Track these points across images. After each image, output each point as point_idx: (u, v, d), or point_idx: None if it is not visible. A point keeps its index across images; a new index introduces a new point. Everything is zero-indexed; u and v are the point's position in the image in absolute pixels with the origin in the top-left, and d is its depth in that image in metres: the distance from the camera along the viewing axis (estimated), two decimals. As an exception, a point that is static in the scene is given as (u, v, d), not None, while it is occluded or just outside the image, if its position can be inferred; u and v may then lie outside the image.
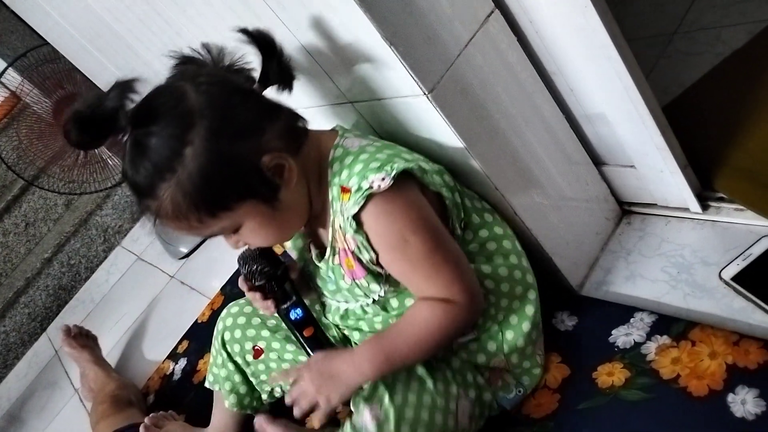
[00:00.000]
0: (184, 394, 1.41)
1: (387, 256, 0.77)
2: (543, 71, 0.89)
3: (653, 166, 0.92)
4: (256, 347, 1.03)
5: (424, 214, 0.77)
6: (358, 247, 0.77)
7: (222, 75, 0.77)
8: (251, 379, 1.06)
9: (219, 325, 1.06)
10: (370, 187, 0.73)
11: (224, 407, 1.11)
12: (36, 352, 2.19)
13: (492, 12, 0.81)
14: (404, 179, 0.75)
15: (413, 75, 0.75)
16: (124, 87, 0.73)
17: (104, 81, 1.61)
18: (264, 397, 1.09)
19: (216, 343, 1.06)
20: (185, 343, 1.58)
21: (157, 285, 1.92)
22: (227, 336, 1.04)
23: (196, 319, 1.63)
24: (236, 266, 1.66)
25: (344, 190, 0.77)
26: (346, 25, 0.75)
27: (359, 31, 0.74)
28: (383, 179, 0.73)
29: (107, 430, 1.27)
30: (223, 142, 0.71)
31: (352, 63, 0.81)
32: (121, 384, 1.49)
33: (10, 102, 2.16)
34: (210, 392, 1.35)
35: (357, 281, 0.82)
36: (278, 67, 0.78)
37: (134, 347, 1.75)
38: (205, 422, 1.29)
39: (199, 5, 0.93)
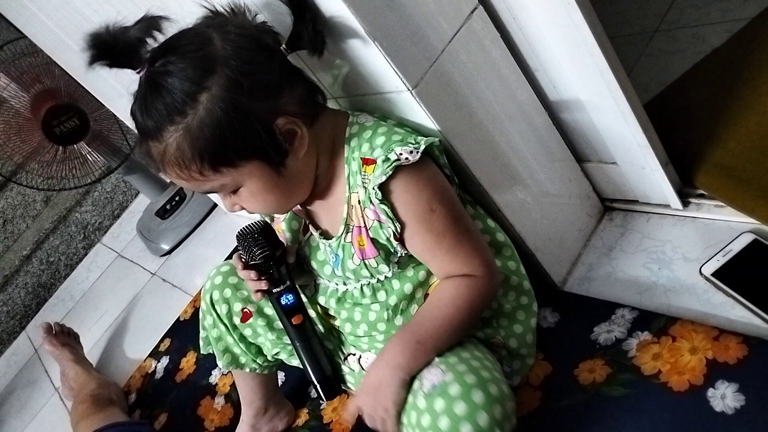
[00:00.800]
0: (167, 393, 1.40)
1: (413, 227, 0.76)
2: (526, 67, 0.89)
3: (635, 163, 0.92)
4: (246, 309, 0.97)
5: (447, 186, 0.78)
6: (379, 222, 0.77)
7: (251, 29, 0.75)
8: (239, 343, 0.99)
9: (207, 284, 1.00)
10: (398, 159, 0.73)
11: (242, 377, 1.05)
12: (15, 350, 2.15)
13: (476, 8, 0.81)
14: (426, 156, 0.76)
15: (397, 71, 0.75)
16: (151, 22, 0.71)
17: (83, 75, 1.59)
18: (259, 361, 1.01)
19: (203, 304, 1.00)
20: (167, 342, 1.56)
21: (138, 282, 1.90)
22: (216, 295, 0.98)
23: (179, 317, 1.61)
24: (219, 263, 1.65)
25: (367, 161, 0.76)
26: (330, 20, 0.75)
27: (343, 26, 0.73)
28: (411, 152, 0.73)
29: (88, 429, 1.25)
30: (241, 96, 0.70)
31: (335, 58, 0.81)
32: (102, 383, 1.48)
33: (-13, 96, 2.12)
34: (193, 391, 1.35)
35: (366, 261, 0.80)
36: (313, 30, 0.75)
37: (115, 345, 1.73)
38: (189, 422, 1.29)
39: (180, -1, 0.92)
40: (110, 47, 0.69)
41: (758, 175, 0.87)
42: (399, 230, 0.76)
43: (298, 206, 0.86)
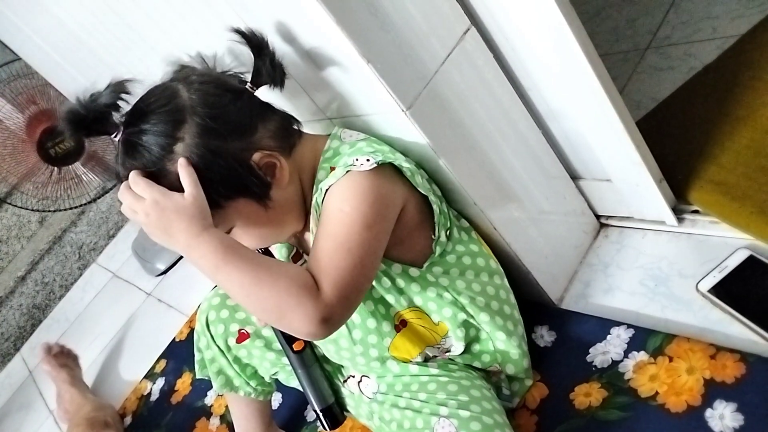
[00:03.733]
0: (162, 415, 1.39)
1: (320, 218, 0.73)
2: (519, 87, 0.90)
3: (629, 180, 0.93)
4: (243, 331, 0.95)
5: (378, 207, 0.72)
6: (316, 220, 0.76)
7: (214, 75, 0.78)
8: (233, 365, 0.98)
9: (203, 305, 0.99)
10: (353, 164, 0.73)
11: (236, 403, 1.04)
12: (9, 373, 2.13)
13: (468, 29, 0.81)
14: (390, 173, 0.75)
15: (391, 92, 0.75)
16: (118, 86, 0.74)
17: (78, 96, 1.59)
18: (252, 384, 0.99)
19: (198, 325, 0.99)
20: (163, 363, 1.55)
21: (133, 303, 1.89)
22: (212, 316, 0.96)
23: (174, 338, 1.60)
24: (214, 284, 1.64)
25: (332, 169, 0.77)
26: (324, 43, 0.75)
27: (336, 48, 0.74)
28: (368, 160, 0.73)
29: (83, 453, 1.24)
30: (214, 140, 0.72)
31: (329, 80, 0.81)
32: (98, 405, 1.46)
33: (-18, 118, 2.12)
34: (189, 412, 1.34)
35: None
36: (270, 64, 0.78)
37: (111, 367, 1.71)
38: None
39: (173, 20, 0.93)
40: (83, 119, 0.72)
41: (752, 192, 0.87)
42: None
43: None
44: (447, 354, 0.86)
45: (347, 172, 0.73)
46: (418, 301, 0.83)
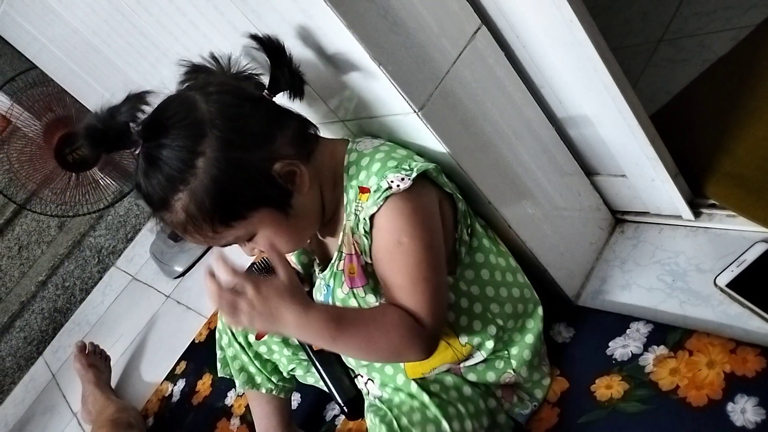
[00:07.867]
0: (184, 416, 1.41)
1: (377, 255, 0.75)
2: (531, 84, 0.89)
3: (644, 175, 0.92)
4: None
5: (429, 225, 0.75)
6: (364, 250, 0.77)
7: (232, 83, 0.77)
8: (255, 361, 1.00)
9: None
10: (389, 188, 0.73)
11: (257, 401, 1.05)
12: (32, 376, 2.17)
13: (479, 28, 0.81)
14: (421, 181, 0.75)
15: (403, 94, 0.75)
16: (136, 100, 0.73)
17: (94, 103, 1.61)
18: (274, 380, 1.02)
19: (220, 323, 1.01)
20: (183, 364, 1.57)
21: (152, 305, 1.91)
22: None
23: (194, 339, 1.62)
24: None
25: (363, 190, 0.77)
26: (335, 46, 0.76)
27: (348, 51, 0.74)
28: (402, 179, 0.73)
29: (107, 454, 1.26)
30: (235, 152, 0.72)
31: (341, 83, 0.81)
32: (121, 407, 1.48)
33: (0, 125, 2.16)
34: (209, 413, 1.35)
35: (354, 290, 0.80)
36: (288, 73, 0.78)
37: (132, 369, 1.74)
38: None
39: (185, 26, 0.94)
40: (103, 135, 0.72)
41: (769, 184, 0.87)
42: (371, 262, 0.76)
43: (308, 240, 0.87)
44: (463, 365, 0.86)
45: (386, 197, 0.73)
46: (450, 316, 0.81)
